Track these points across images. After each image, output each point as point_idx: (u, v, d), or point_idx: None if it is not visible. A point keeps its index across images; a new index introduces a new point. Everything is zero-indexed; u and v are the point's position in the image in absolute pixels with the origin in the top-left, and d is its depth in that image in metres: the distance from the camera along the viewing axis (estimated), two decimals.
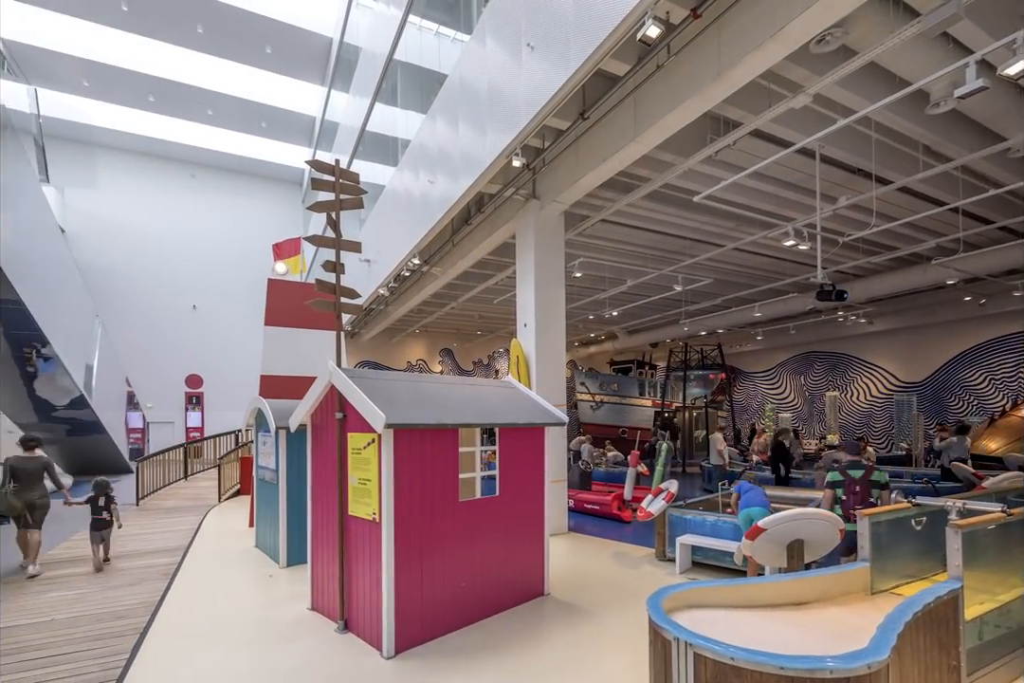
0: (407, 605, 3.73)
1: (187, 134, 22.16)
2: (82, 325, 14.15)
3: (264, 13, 17.26)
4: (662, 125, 5.56)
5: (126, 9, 16.53)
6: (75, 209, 21.16)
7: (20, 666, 3.63)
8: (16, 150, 11.31)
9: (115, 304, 20.77)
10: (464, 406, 4.41)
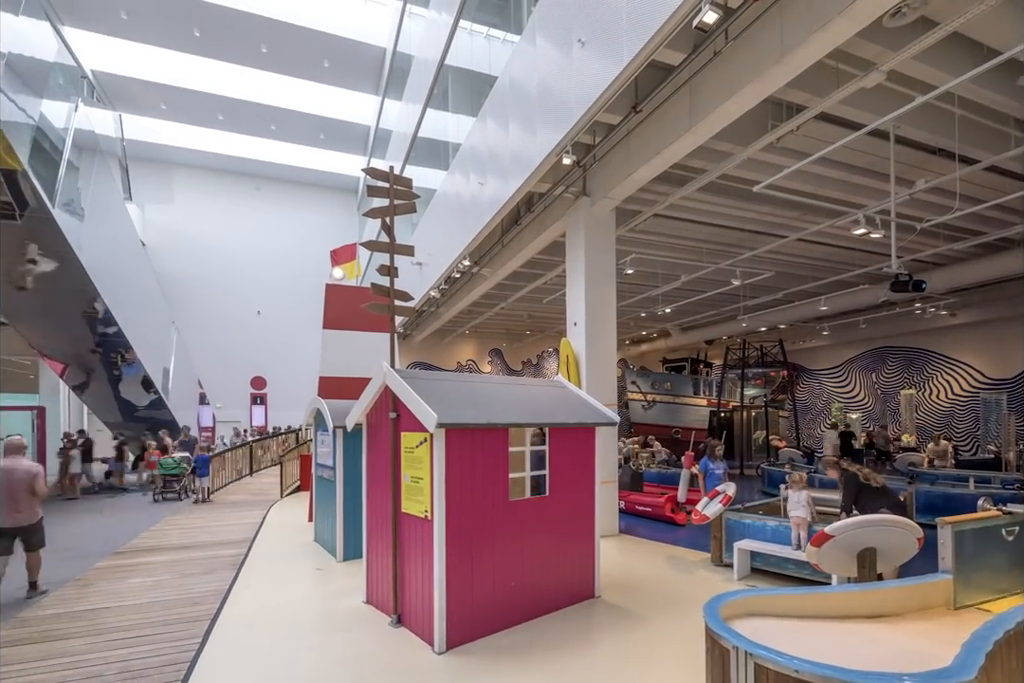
0: (458, 602, 3.78)
1: (252, 149, 23.60)
2: (160, 331, 15.33)
3: (323, 29, 18.08)
4: (720, 114, 5.36)
5: (198, 35, 17.77)
6: (154, 223, 22.96)
7: (107, 645, 3.97)
8: (104, 172, 12.39)
9: (188, 311, 22.33)
10: (514, 406, 4.43)
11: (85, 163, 10.69)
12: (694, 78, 5.59)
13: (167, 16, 16.96)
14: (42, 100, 8.89)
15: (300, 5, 17.77)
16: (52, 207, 8.37)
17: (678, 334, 20.63)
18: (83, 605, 4.80)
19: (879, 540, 3.62)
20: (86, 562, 6.29)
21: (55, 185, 8.79)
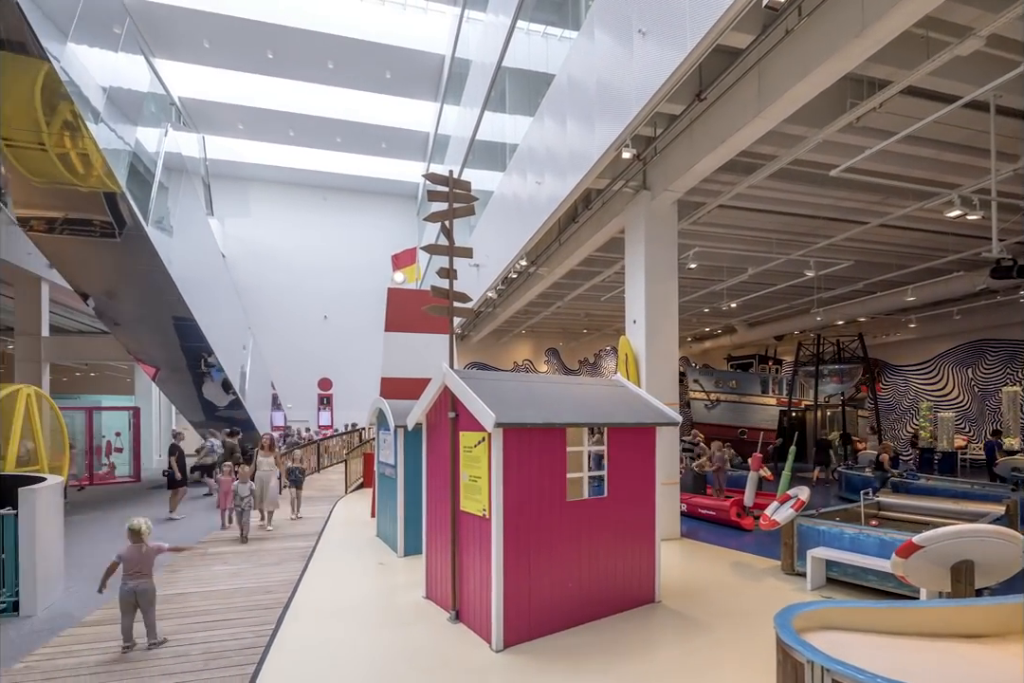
0: (515, 601, 3.79)
1: (320, 161, 24.82)
2: (238, 337, 16.45)
3: (384, 41, 18.70)
4: (792, 96, 5.04)
5: (271, 56, 18.91)
6: (232, 236, 24.71)
7: (192, 627, 4.30)
8: (189, 190, 13.46)
9: (262, 316, 23.82)
10: (572, 405, 4.38)
11: (173, 183, 11.63)
12: (763, 60, 5.27)
13: (243, 42, 18.14)
14: (137, 127, 9.76)
15: (364, 20, 18.49)
16: (146, 225, 9.15)
17: (744, 330, 19.70)
18: (172, 589, 5.21)
19: (977, 552, 3.27)
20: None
21: (148, 205, 9.62)
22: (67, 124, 7.33)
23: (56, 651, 3.94)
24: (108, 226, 8.87)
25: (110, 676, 3.53)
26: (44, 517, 5.02)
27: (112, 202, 8.45)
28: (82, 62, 7.70)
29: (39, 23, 6.35)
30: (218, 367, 13.16)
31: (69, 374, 27.55)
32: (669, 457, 7.10)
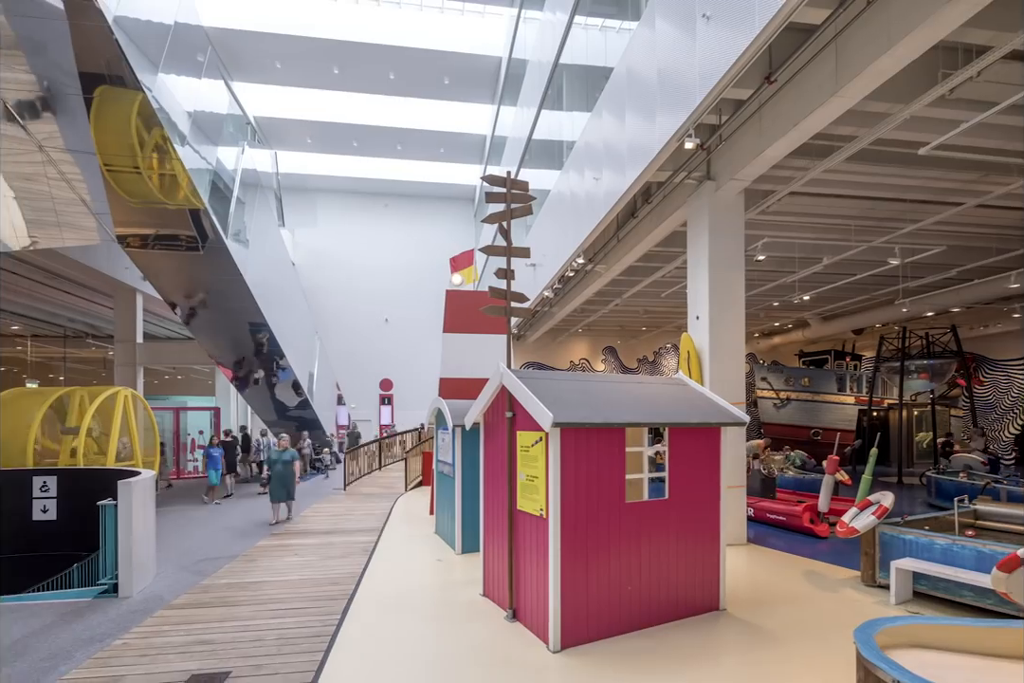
0: (573, 602, 3.73)
1: (381, 169, 25.71)
2: (307, 340, 17.35)
3: (443, 48, 19.11)
4: (874, 71, 4.62)
5: (337, 72, 19.81)
6: (301, 245, 26.12)
7: (267, 614, 4.58)
8: (263, 204, 14.37)
9: (327, 320, 24.99)
10: (631, 405, 4.26)
11: (249, 197, 12.44)
12: (841, 35, 4.87)
13: (312, 60, 19.07)
14: (217, 147, 10.52)
15: (423, 28, 18.96)
16: (226, 238, 9.84)
17: (818, 324, 18.49)
18: (249, 578, 5.54)
19: None
20: (250, 541, 7.34)
21: (227, 219, 10.34)
22: (158, 148, 8.00)
23: (148, 631, 4.27)
24: (193, 240, 9.61)
25: (194, 656, 3.79)
26: (139, 508, 5.49)
27: (196, 218, 9.15)
28: (170, 90, 8.38)
29: (135, 57, 6.97)
30: (289, 369, 13.95)
31: (159, 377, 30.11)
32: (735, 459, 6.79)
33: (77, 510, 6.31)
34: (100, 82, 6.99)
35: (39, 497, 6.48)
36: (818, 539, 7.18)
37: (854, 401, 16.75)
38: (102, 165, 7.80)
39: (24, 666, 3.77)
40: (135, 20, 7.24)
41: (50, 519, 6.49)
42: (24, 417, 8.71)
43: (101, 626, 4.48)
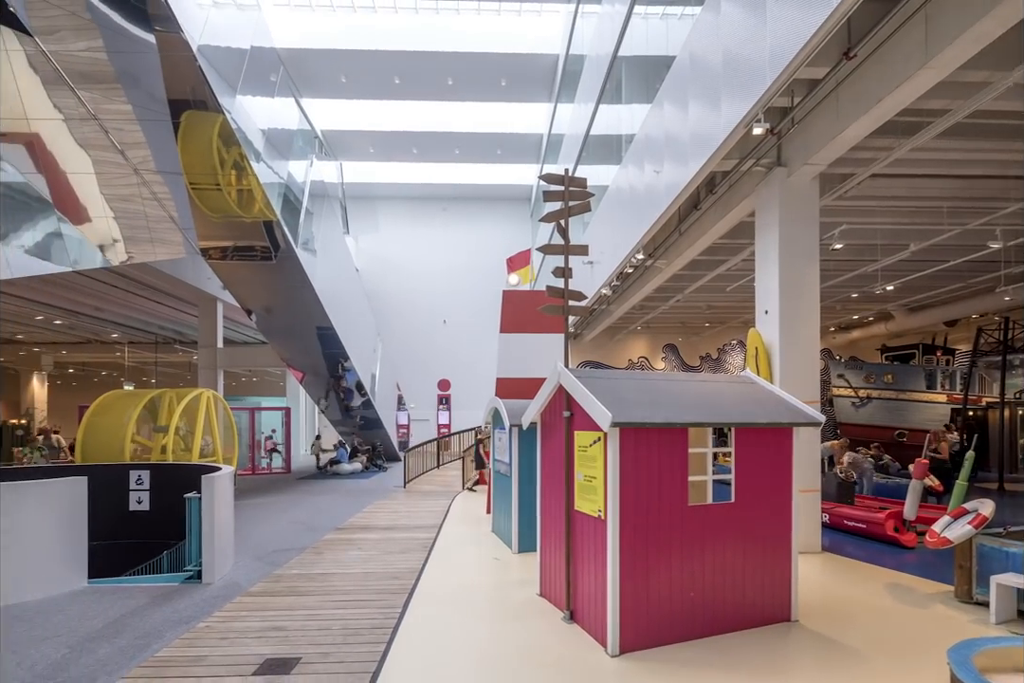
0: (632, 606, 3.64)
1: (439, 174, 26.31)
2: (369, 342, 18.02)
3: (500, 50, 19.26)
4: (972, 35, 4.19)
5: (398, 81, 20.47)
6: (364, 251, 27.23)
7: (333, 604, 4.79)
8: (330, 213, 15.09)
9: (388, 322, 25.85)
10: (694, 404, 4.13)
11: (317, 208, 13.11)
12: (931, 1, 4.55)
13: (375, 72, 19.83)
14: (288, 162, 11.17)
15: (480, 32, 19.23)
16: (296, 247, 10.43)
17: (904, 316, 17.06)
18: (317, 569, 5.83)
19: None
20: (317, 534, 7.72)
21: (297, 229, 10.96)
22: (236, 165, 8.60)
23: (228, 615, 4.58)
24: (266, 250, 10.26)
25: (268, 641, 4.03)
26: (220, 500, 5.90)
27: (269, 229, 9.75)
28: (246, 110, 8.98)
29: (215, 82, 7.54)
30: (353, 371, 14.56)
31: (236, 379, 32.30)
32: (809, 461, 6.39)
33: (167, 502, 6.86)
34: (186, 107, 7.60)
35: (135, 489, 7.10)
36: (904, 549, 6.66)
37: (946, 399, 15.32)
38: (187, 184, 8.47)
39: (123, 643, 4.14)
40: (215, 47, 7.82)
41: (144, 509, 7.08)
42: (122, 416, 9.56)
43: (187, 609, 4.84)
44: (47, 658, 3.90)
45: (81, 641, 4.19)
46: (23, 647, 4.09)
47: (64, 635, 4.32)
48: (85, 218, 8.14)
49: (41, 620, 4.65)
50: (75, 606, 5.00)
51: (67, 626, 4.51)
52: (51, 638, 4.26)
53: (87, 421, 9.53)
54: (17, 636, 4.30)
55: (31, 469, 8.05)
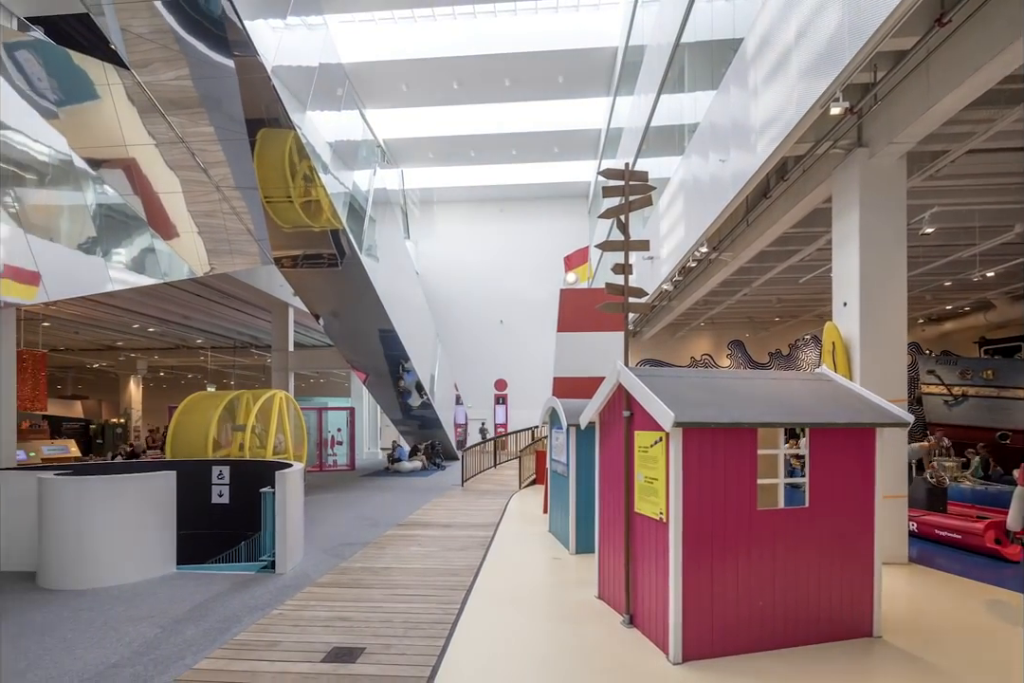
0: (696, 612, 3.52)
1: (496, 176, 26.59)
2: (429, 344, 18.48)
3: (556, 48, 19.16)
4: None
5: (456, 87, 20.87)
6: (424, 255, 28.04)
7: (395, 598, 4.97)
8: (391, 219, 15.65)
9: (447, 324, 26.42)
10: (764, 403, 3.94)
11: (379, 214, 13.63)
12: None
13: (434, 79, 20.32)
14: (353, 171, 11.67)
15: (537, 31, 19.23)
16: (360, 254, 10.89)
17: (1006, 305, 15.39)
18: (380, 563, 6.07)
19: None
20: (379, 530, 8.04)
21: (361, 236, 11.43)
22: (305, 178, 9.10)
23: (298, 604, 4.85)
24: (333, 258, 10.79)
25: (335, 630, 4.23)
26: (292, 495, 6.24)
27: (336, 237, 10.24)
28: (314, 124, 9.48)
29: (287, 99, 8.01)
30: (413, 371, 14.98)
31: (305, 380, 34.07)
32: (894, 465, 5.90)
33: (244, 495, 7.33)
34: (261, 126, 8.14)
35: (216, 483, 7.62)
36: (1006, 563, 6.04)
37: None
38: (262, 197, 9.04)
39: (206, 625, 4.46)
40: (287, 67, 8.30)
41: (224, 502, 7.59)
42: (205, 416, 10.31)
43: (262, 597, 5.15)
44: (143, 636, 4.27)
45: (171, 622, 4.56)
46: (123, 625, 4.51)
47: (157, 616, 4.72)
48: (174, 234, 8.87)
49: (137, 601, 5.11)
50: (165, 590, 5.46)
51: (159, 608, 4.92)
52: (146, 618, 4.66)
53: (175, 420, 10.36)
54: (118, 615, 4.75)
55: (128, 464, 8.85)
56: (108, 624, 4.53)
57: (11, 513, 6.25)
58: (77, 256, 7.33)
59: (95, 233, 7.64)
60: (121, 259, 8.09)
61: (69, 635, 4.29)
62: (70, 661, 3.84)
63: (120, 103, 7.48)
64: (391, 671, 3.53)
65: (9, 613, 4.83)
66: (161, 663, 3.78)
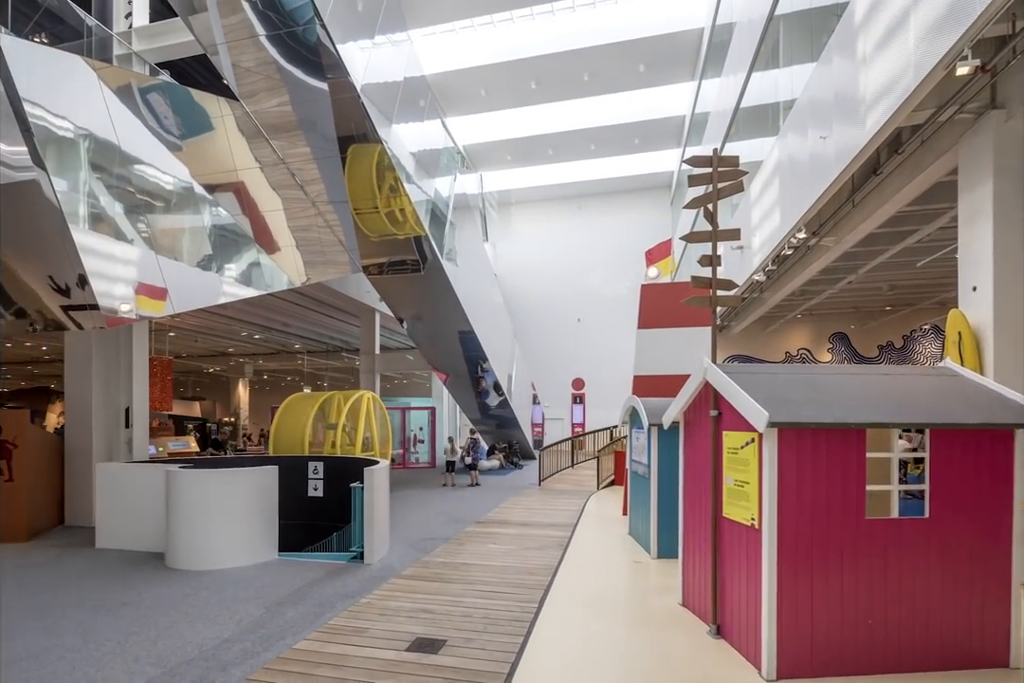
0: (792, 628, 3.29)
1: (574, 172, 26.33)
2: (507, 344, 18.76)
3: (636, 36, 18.64)
4: None
5: (534, 86, 20.96)
6: (501, 256, 28.47)
7: (474, 593, 5.10)
8: (470, 223, 16.13)
9: (524, 324, 26.61)
10: (874, 401, 3.62)
11: (459, 219, 14.08)
12: None
13: (512, 81, 20.53)
14: (434, 179, 12.16)
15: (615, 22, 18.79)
16: (441, 258, 11.31)
17: None
18: (460, 559, 6.27)
19: None
20: (459, 526, 8.28)
21: (442, 241, 11.88)
22: (391, 188, 9.63)
23: (384, 594, 5.12)
24: (416, 263, 11.32)
25: (418, 621, 4.42)
26: (379, 490, 6.61)
27: (419, 244, 10.74)
28: (399, 136, 10.01)
29: (375, 115, 8.53)
30: (491, 372, 15.26)
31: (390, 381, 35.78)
32: None
33: (336, 490, 7.84)
34: (351, 142, 8.74)
35: (312, 478, 8.22)
36: None
37: None
38: (352, 210, 9.66)
39: (303, 609, 4.83)
40: (374, 84, 8.81)
41: (319, 496, 8.17)
42: (302, 416, 11.15)
43: (352, 586, 5.49)
44: (250, 615, 4.71)
45: (274, 604, 4.98)
46: (233, 605, 5.00)
47: (262, 598, 5.17)
48: (276, 248, 9.72)
49: (246, 584, 5.64)
50: (269, 574, 5.97)
51: (264, 590, 5.40)
52: (252, 599, 5.13)
53: (277, 419, 11.31)
54: (229, 595, 5.27)
55: (237, 459, 9.78)
56: (222, 603, 5.03)
57: (145, 500, 7.13)
58: (196, 272, 8.28)
59: (211, 251, 8.60)
60: (232, 273, 9.02)
61: (191, 610, 4.83)
62: (191, 633, 4.32)
63: (231, 132, 8.38)
64: (472, 665, 3.63)
65: (143, 587, 5.55)
66: (266, 641, 4.15)
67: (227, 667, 3.71)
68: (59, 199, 6.23)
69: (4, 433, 7.79)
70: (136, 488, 7.29)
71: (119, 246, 6.98)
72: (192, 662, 3.82)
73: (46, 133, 6.31)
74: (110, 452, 9.01)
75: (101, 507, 7.41)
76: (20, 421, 8.01)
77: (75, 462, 8.79)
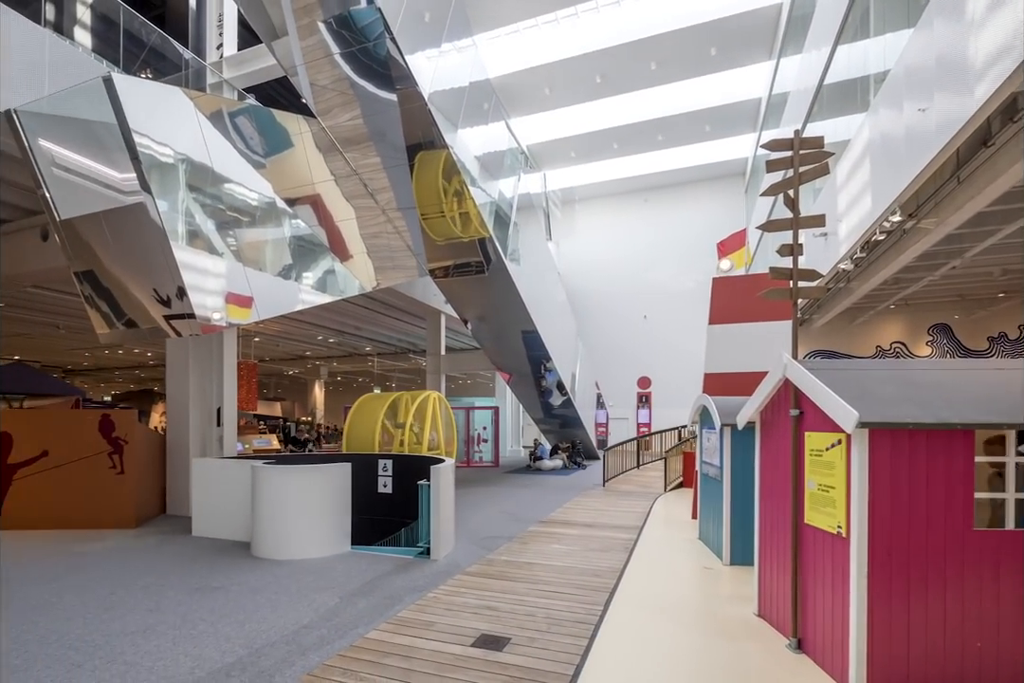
0: (886, 646, 3.03)
1: (641, 165, 25.66)
2: (570, 343, 18.62)
3: (706, 19, 17.86)
4: None
5: (599, 80, 20.62)
6: (565, 255, 28.30)
7: (538, 593, 5.10)
8: (534, 222, 16.19)
9: (589, 322, 26.29)
10: (985, 399, 3.31)
11: (522, 219, 14.17)
12: None
13: (577, 77, 20.30)
14: (498, 181, 12.33)
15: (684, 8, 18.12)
16: (505, 259, 11.44)
17: None
18: (523, 558, 6.29)
19: None
20: (522, 525, 8.30)
21: (506, 242, 12.00)
22: (456, 192, 9.87)
23: (450, 590, 5.23)
24: (480, 265, 11.50)
25: (483, 618, 4.48)
26: (444, 488, 6.77)
27: (483, 245, 10.92)
28: (464, 141, 10.24)
29: (441, 122, 8.80)
30: (555, 371, 15.21)
31: (455, 381, 36.57)
32: None
33: (404, 487, 8.11)
34: (419, 149, 9.06)
35: (382, 475, 8.55)
36: None
37: None
38: (419, 215, 9.98)
39: (374, 600, 5.03)
40: (441, 91, 9.08)
41: (388, 492, 8.48)
42: (372, 415, 11.61)
43: (419, 580, 5.66)
44: (326, 604, 4.96)
45: (347, 595, 5.22)
46: (312, 593, 5.29)
47: (336, 588, 5.44)
48: (348, 256, 10.23)
49: (322, 574, 5.95)
50: (342, 566, 6.27)
51: (338, 581, 5.67)
52: (328, 589, 5.40)
53: (350, 418, 11.86)
54: (307, 584, 5.59)
55: (315, 456, 10.35)
56: (300, 591, 5.34)
57: (234, 493, 7.70)
58: (278, 281, 8.90)
59: (291, 260, 9.22)
60: (309, 281, 9.60)
61: (273, 597, 5.16)
62: (274, 618, 4.62)
63: (309, 147, 8.94)
64: (536, 664, 3.64)
65: (232, 572, 6.01)
66: (340, 629, 4.36)
67: (306, 652, 3.93)
68: (162, 219, 6.89)
69: (117, 430, 8.67)
70: (226, 482, 7.89)
71: (211, 260, 7.64)
72: (275, 645, 4.07)
73: (151, 159, 7.01)
74: (204, 448, 9.82)
75: (196, 498, 8.09)
76: (130, 420, 8.88)
77: (175, 457, 9.66)
